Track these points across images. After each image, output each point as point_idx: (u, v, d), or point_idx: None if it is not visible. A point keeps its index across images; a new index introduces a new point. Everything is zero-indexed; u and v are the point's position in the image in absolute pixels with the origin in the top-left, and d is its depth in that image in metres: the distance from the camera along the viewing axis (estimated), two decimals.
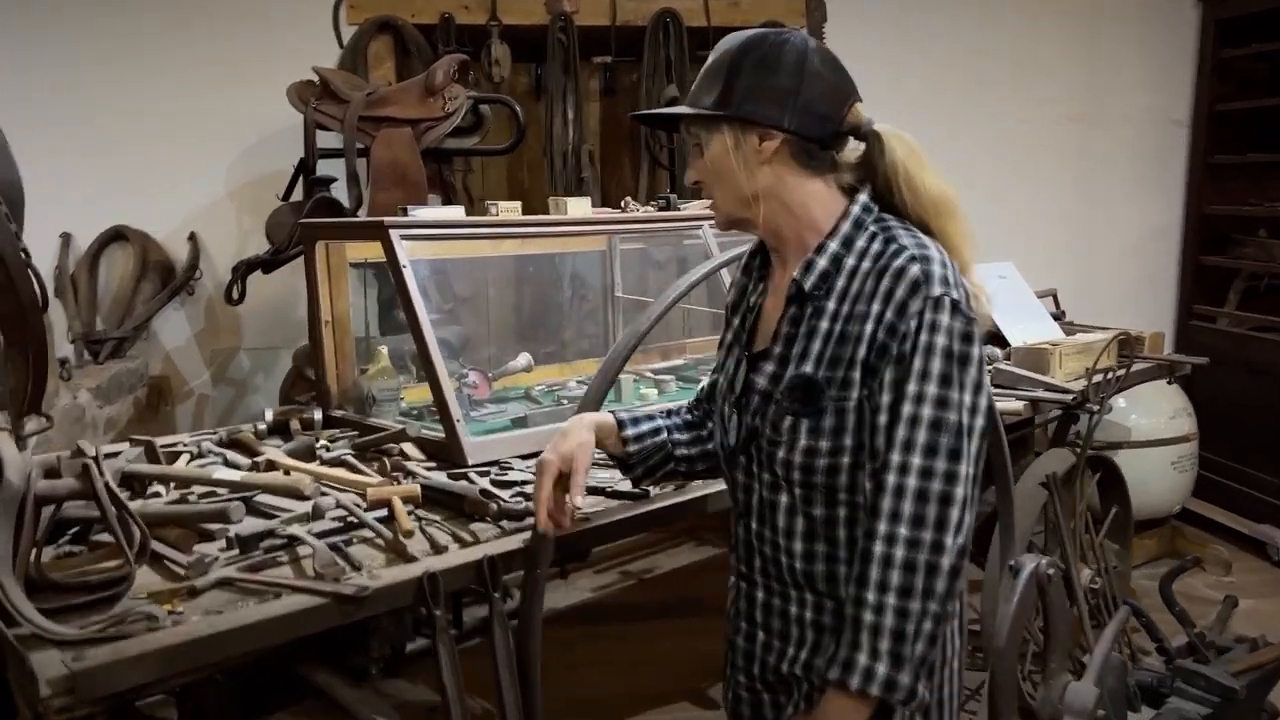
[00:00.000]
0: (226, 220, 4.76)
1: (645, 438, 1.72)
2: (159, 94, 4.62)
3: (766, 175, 1.49)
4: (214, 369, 4.86)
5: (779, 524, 1.55)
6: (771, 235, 1.55)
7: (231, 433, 2.59)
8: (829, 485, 1.48)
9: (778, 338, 1.53)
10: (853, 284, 1.47)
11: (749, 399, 1.56)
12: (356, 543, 1.86)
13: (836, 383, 1.44)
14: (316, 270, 2.76)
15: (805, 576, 1.54)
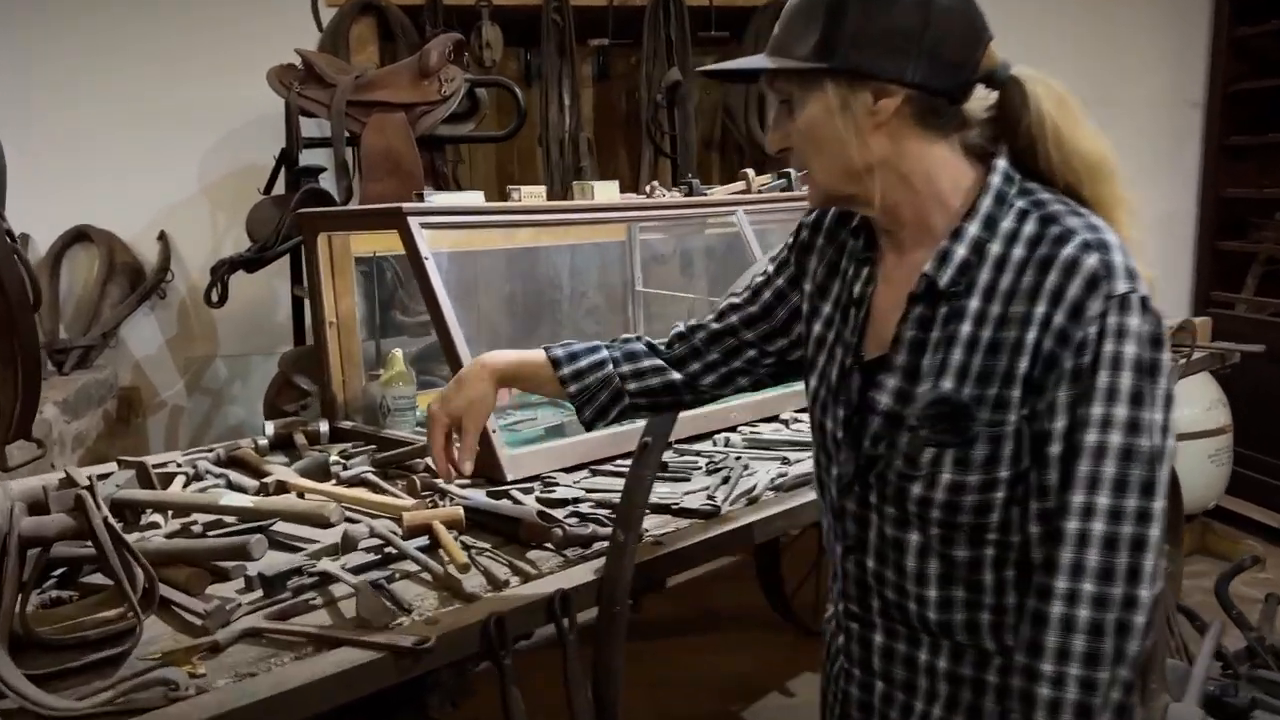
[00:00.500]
0: (199, 218, 4.43)
1: (585, 374, 1.51)
2: (125, 83, 4.28)
3: (882, 142, 1.20)
4: (188, 378, 4.53)
5: (907, 566, 1.27)
6: (886, 215, 1.25)
7: (230, 449, 2.30)
8: (977, 525, 1.20)
9: (900, 344, 1.23)
10: (1002, 278, 1.18)
11: (866, 420, 1.28)
12: (399, 578, 1.59)
13: (988, 403, 1.16)
14: (319, 265, 2.46)
15: (941, 626, 1.26)
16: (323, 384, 2.53)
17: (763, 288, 1.48)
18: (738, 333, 1.48)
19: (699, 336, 1.50)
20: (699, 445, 2.34)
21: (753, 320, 1.48)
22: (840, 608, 1.40)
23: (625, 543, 1.55)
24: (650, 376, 1.50)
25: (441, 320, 2.10)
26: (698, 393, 1.52)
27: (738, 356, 1.48)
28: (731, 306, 1.51)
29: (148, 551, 1.54)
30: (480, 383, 1.50)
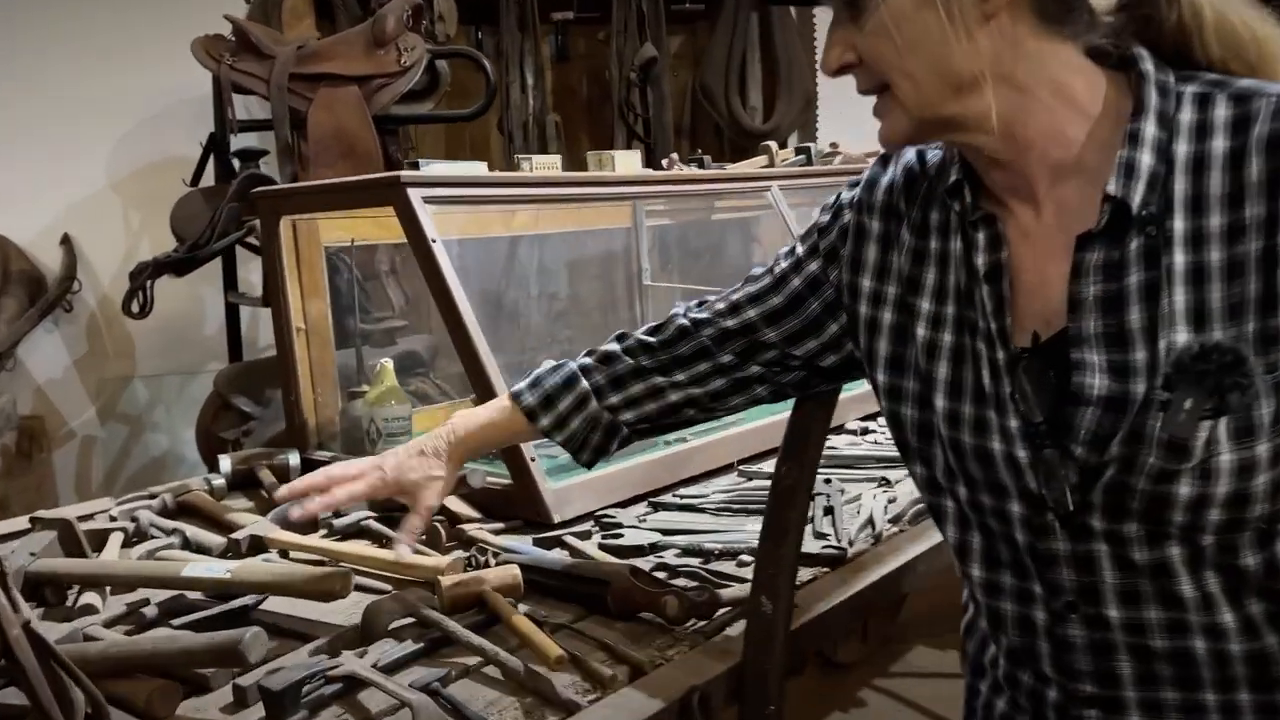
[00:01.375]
0: (109, 218, 3.84)
1: (569, 419, 1.27)
2: (17, 65, 3.69)
3: (992, 41, 0.92)
4: (101, 403, 3.92)
5: (1182, 593, 0.92)
6: (1007, 143, 0.94)
7: (178, 494, 1.79)
8: (1273, 514, 0.88)
9: (1083, 307, 0.92)
10: (1208, 180, 0.90)
11: (1069, 423, 0.93)
12: (454, 677, 1.13)
13: (1251, 343, 0.88)
14: (283, 258, 1.97)
15: (1252, 660, 0.93)
16: (289, 406, 2.03)
17: (789, 275, 1.15)
18: (756, 330, 1.18)
19: (707, 333, 1.20)
20: (759, 465, 1.92)
21: (776, 316, 1.17)
22: (1053, 696, 1.01)
23: (774, 617, 1.12)
24: (645, 402, 1.25)
25: (458, 319, 1.64)
26: (704, 407, 1.24)
27: (755, 359, 1.19)
28: (750, 298, 1.18)
29: (89, 660, 1.06)
30: (449, 464, 1.30)
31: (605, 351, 1.27)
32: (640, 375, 1.23)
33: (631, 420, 1.25)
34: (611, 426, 1.25)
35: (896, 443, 1.09)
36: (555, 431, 1.26)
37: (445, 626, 1.19)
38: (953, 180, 1.00)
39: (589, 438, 1.26)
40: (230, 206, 2.84)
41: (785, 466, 1.17)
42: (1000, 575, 1.01)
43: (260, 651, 1.07)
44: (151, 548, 1.52)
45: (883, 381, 1.08)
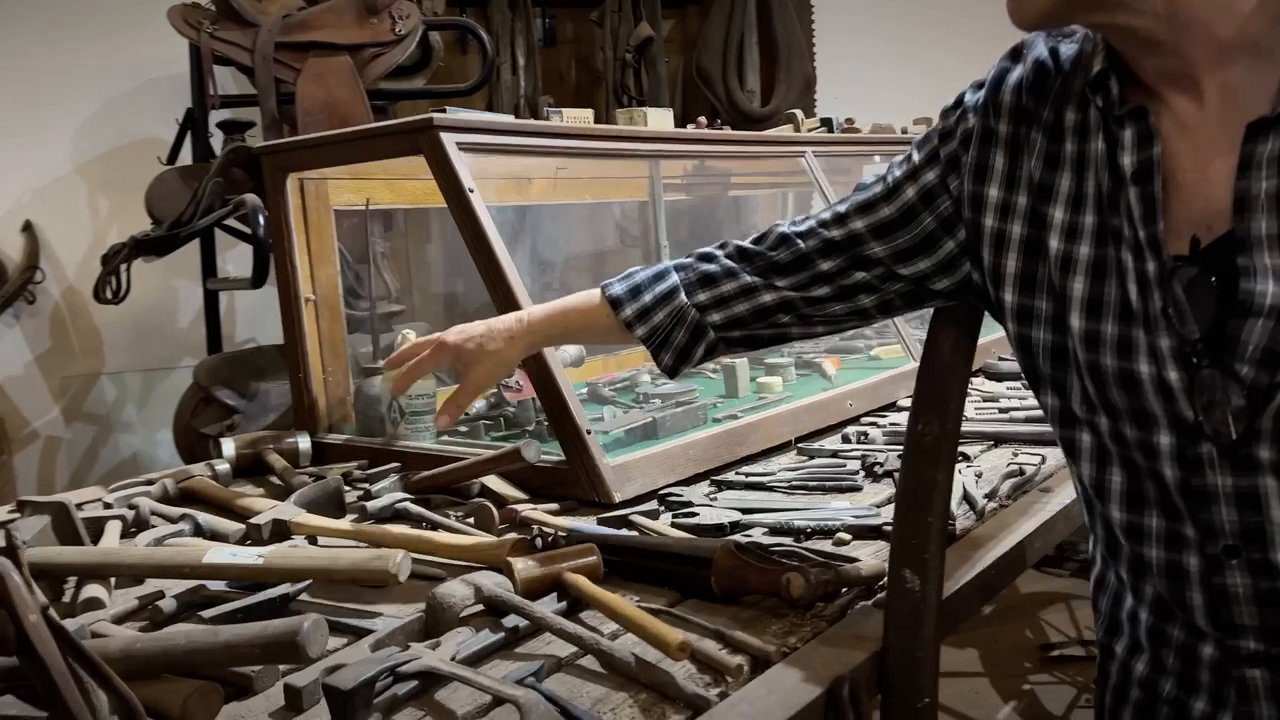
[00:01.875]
0: (75, 204, 3.60)
1: (653, 311, 1.18)
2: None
3: None
4: (66, 401, 3.67)
5: None
6: (1162, 19, 0.81)
7: (180, 479, 1.59)
8: None
9: (1253, 204, 0.80)
10: None
11: (1235, 338, 0.80)
12: (546, 672, 0.95)
13: None
14: (290, 221, 1.78)
15: None
16: (297, 384, 1.83)
17: (903, 184, 1.04)
18: (862, 243, 1.06)
19: (809, 243, 1.09)
20: (818, 442, 1.76)
21: (886, 229, 1.05)
22: (1209, 654, 0.89)
23: (923, 593, 0.96)
24: (736, 302, 1.13)
25: (501, 278, 1.46)
26: (800, 313, 1.12)
27: (862, 269, 1.08)
28: (858, 208, 1.06)
29: (110, 660, 0.86)
30: (515, 341, 1.25)
31: (702, 252, 1.18)
32: (733, 275, 1.13)
33: (720, 322, 1.14)
34: (698, 327, 1.15)
35: (1025, 371, 0.99)
36: (638, 323, 1.17)
37: (530, 612, 1.01)
38: (1096, 71, 0.88)
39: (672, 335, 1.16)
40: (215, 182, 2.62)
41: (924, 420, 1.01)
42: (1145, 517, 0.89)
43: (322, 643, 0.89)
44: (159, 535, 1.32)
45: (1011, 302, 0.96)
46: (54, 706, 0.73)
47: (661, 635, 0.92)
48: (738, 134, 2.22)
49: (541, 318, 1.25)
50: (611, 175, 2.47)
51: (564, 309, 1.25)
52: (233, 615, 1.07)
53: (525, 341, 1.25)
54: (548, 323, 1.25)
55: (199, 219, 2.64)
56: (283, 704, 0.92)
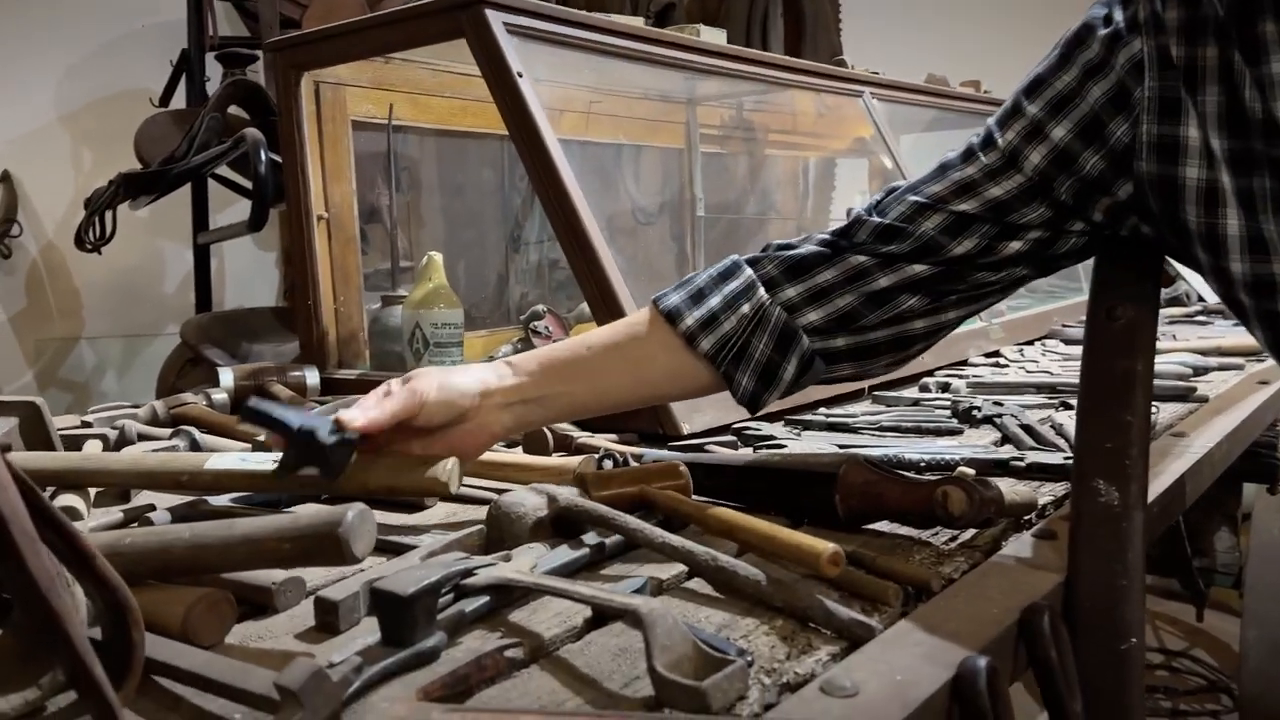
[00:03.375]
0: (57, 154, 3.38)
1: (720, 319, 0.93)
2: None
3: None
4: (41, 366, 3.44)
5: None
6: None
7: (171, 405, 1.38)
8: None
9: None
10: None
11: None
12: (650, 593, 0.75)
13: None
14: (303, 128, 1.58)
15: None
16: (306, 313, 1.62)
17: (1024, 148, 0.84)
18: (1010, 210, 0.86)
19: (929, 225, 0.88)
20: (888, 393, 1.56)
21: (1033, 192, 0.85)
22: None
23: (1124, 508, 0.76)
24: (841, 291, 0.91)
25: (564, 196, 1.26)
26: (930, 292, 0.91)
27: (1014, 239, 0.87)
28: (987, 173, 0.86)
29: (118, 551, 0.66)
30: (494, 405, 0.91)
31: (778, 243, 0.96)
32: (829, 260, 0.92)
33: (818, 322, 0.92)
34: (786, 331, 0.91)
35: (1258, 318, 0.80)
36: (702, 335, 0.91)
37: (622, 524, 0.81)
38: None
39: (750, 344, 0.91)
40: (212, 116, 2.42)
41: (1114, 302, 0.81)
42: None
43: (370, 538, 0.68)
44: (151, 448, 1.11)
45: (1241, 272, 0.77)
46: (17, 580, 0.52)
47: (806, 545, 0.72)
48: (794, 61, 2.02)
49: (541, 367, 0.92)
50: (647, 117, 2.28)
51: (579, 349, 0.93)
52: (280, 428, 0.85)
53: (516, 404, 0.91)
54: (554, 374, 0.92)
55: (194, 155, 2.43)
56: (312, 624, 0.71)
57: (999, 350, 1.90)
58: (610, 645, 0.67)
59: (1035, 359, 1.82)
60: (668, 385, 0.98)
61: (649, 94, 2.29)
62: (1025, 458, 1.10)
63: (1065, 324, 2.17)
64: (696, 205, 2.41)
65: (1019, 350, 1.91)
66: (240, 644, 0.69)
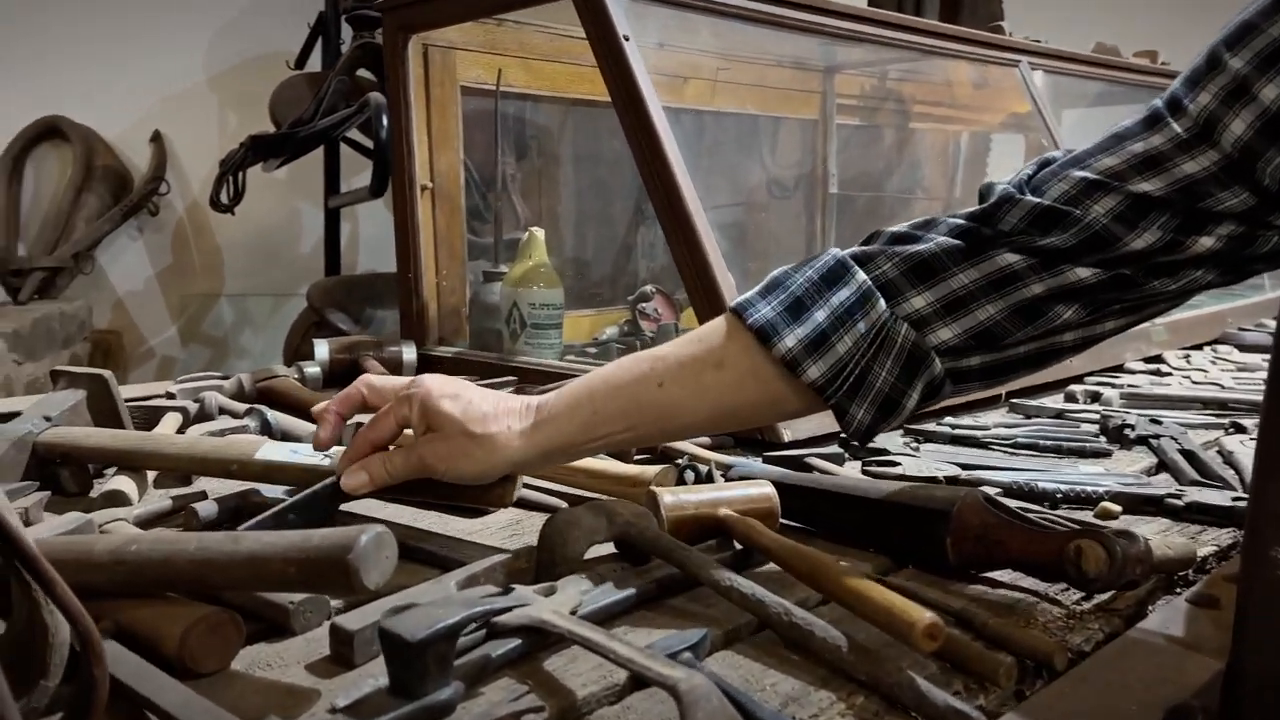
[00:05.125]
0: (203, 116, 3.46)
1: (831, 339, 0.75)
2: None
3: None
4: (184, 322, 3.56)
5: None
6: None
7: (259, 378, 1.34)
8: None
9: None
10: None
11: None
12: (708, 647, 0.63)
13: None
14: (410, 94, 1.51)
15: None
16: (407, 286, 1.57)
17: (1224, 116, 0.66)
18: (1210, 188, 0.68)
19: (1099, 209, 0.70)
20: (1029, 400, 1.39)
21: (1247, 160, 0.67)
22: None
23: None
24: (982, 301, 0.74)
25: (667, 171, 1.15)
26: (1091, 303, 0.74)
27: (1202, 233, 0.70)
28: (1178, 146, 0.69)
29: (91, 564, 0.60)
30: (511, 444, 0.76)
31: (896, 231, 0.78)
32: (966, 257, 0.74)
33: (953, 340, 0.74)
34: (914, 355, 0.75)
35: None
36: (809, 360, 0.74)
37: (684, 559, 0.70)
38: None
39: (870, 373, 0.75)
40: (339, 79, 2.41)
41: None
42: None
43: (385, 568, 0.60)
44: (217, 429, 1.07)
45: None
46: None
47: (899, 610, 0.59)
48: (941, 26, 1.84)
49: (572, 400, 0.77)
50: (779, 85, 2.14)
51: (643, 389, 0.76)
52: (278, 521, 0.79)
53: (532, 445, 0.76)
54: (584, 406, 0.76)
55: (320, 118, 2.42)
56: (326, 653, 0.64)
57: (1161, 355, 1.69)
58: (654, 713, 0.57)
59: (1204, 368, 1.60)
60: (756, 416, 0.85)
61: (782, 61, 2.14)
62: (1184, 494, 0.93)
63: (1242, 327, 1.92)
64: (829, 181, 2.25)
65: (1184, 356, 1.69)
66: (246, 670, 0.62)
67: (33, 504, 0.83)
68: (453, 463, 0.76)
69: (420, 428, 0.78)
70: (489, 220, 2.58)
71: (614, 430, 0.77)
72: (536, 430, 0.76)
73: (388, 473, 0.77)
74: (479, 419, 0.75)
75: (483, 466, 0.76)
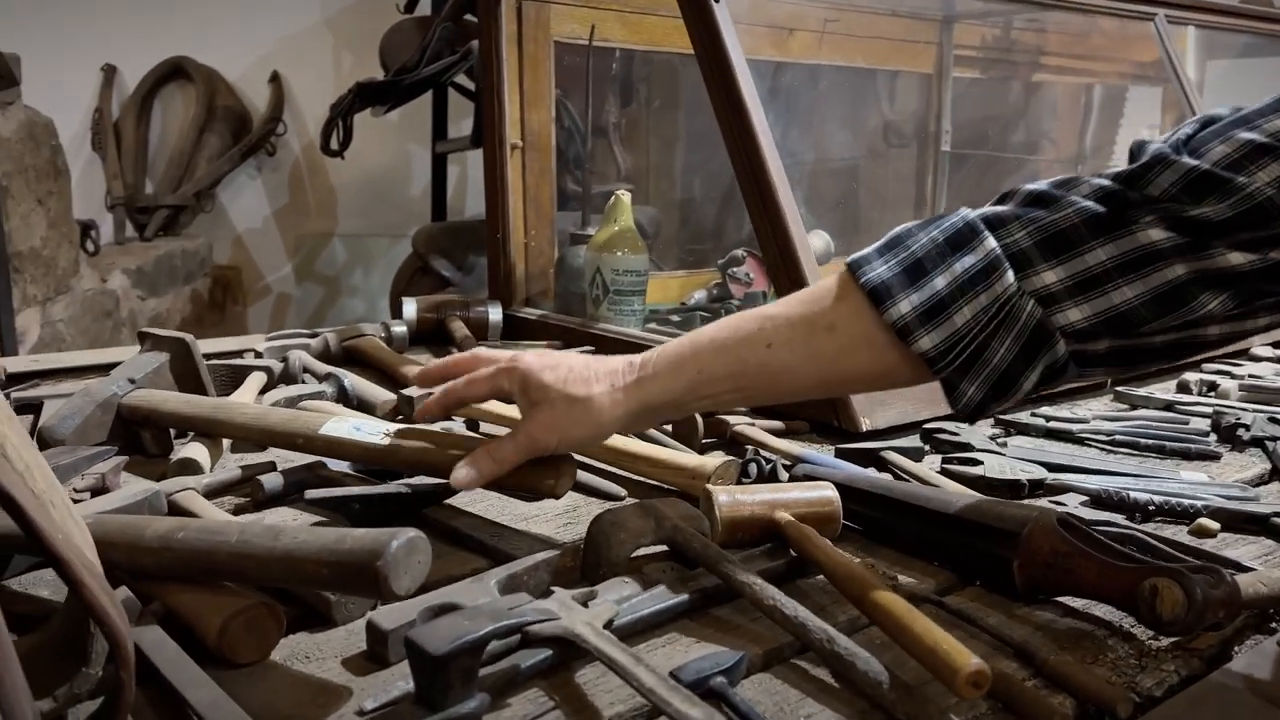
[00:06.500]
0: (320, 57, 3.52)
1: (950, 308, 0.68)
2: None
3: None
4: (299, 260, 3.66)
5: None
6: None
7: (345, 337, 1.36)
8: None
9: None
10: None
11: None
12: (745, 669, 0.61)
13: None
14: (502, 50, 1.49)
15: None
16: (495, 246, 1.57)
17: None
18: None
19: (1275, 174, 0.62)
20: (1144, 388, 1.30)
21: None
22: None
23: None
24: (1119, 281, 0.66)
25: (750, 134, 1.10)
26: (1243, 289, 0.66)
27: None
28: None
29: (141, 548, 0.61)
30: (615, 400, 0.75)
31: (1032, 190, 0.70)
32: (1110, 233, 0.66)
33: (1082, 323, 0.67)
34: (1038, 333, 0.68)
35: None
36: (923, 329, 0.68)
37: (729, 573, 0.68)
38: None
39: (987, 349, 0.69)
40: (444, 26, 2.40)
41: None
42: None
43: (417, 575, 0.59)
44: (294, 394, 1.09)
45: None
46: None
47: (943, 652, 0.56)
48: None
49: (676, 359, 0.75)
50: (891, 37, 2.03)
51: (750, 351, 0.73)
52: (342, 506, 0.80)
53: (636, 401, 0.75)
54: (689, 365, 0.74)
55: (425, 66, 2.42)
56: (363, 648, 0.64)
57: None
58: None
59: None
60: (867, 384, 0.81)
61: (897, 10, 2.04)
62: None
63: None
64: (942, 139, 2.14)
65: None
66: (284, 661, 0.63)
67: (109, 469, 0.86)
68: (560, 431, 0.76)
69: (522, 402, 0.78)
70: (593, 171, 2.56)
71: (720, 390, 0.75)
72: (639, 387, 0.75)
73: (495, 461, 0.76)
74: (580, 382, 0.75)
75: (590, 429, 0.76)
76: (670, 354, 0.76)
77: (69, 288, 2.47)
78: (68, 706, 0.57)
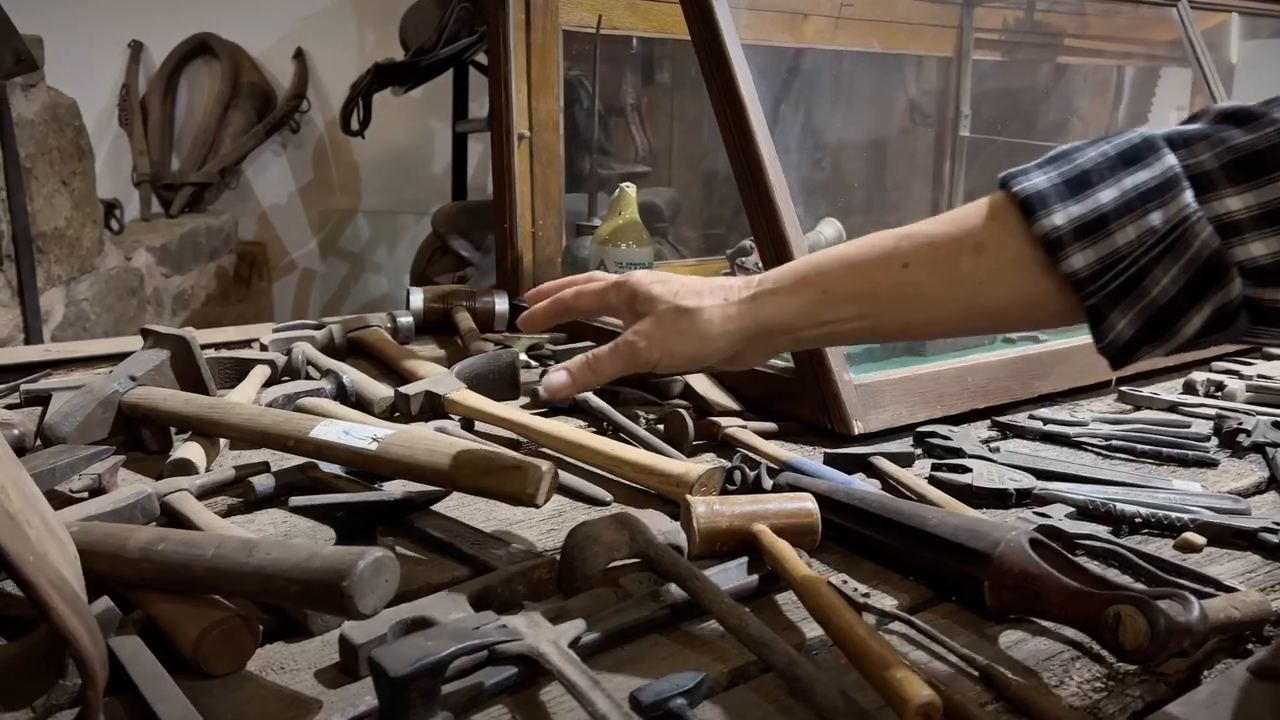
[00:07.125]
0: (344, 34, 3.53)
1: (1111, 225, 0.57)
2: None
3: None
4: (323, 236, 3.69)
5: None
6: None
7: (350, 329, 1.38)
8: None
9: None
10: None
11: None
12: (710, 687, 0.62)
13: None
14: (510, 38, 1.49)
15: None
16: (502, 236, 1.57)
17: None
18: None
19: None
20: (1149, 388, 1.29)
21: None
22: None
23: None
24: None
25: (746, 129, 1.10)
26: None
27: None
28: None
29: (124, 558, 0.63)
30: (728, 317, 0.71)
31: (1224, 109, 0.60)
32: None
33: (1268, 260, 0.57)
34: (1212, 263, 0.58)
35: None
36: (1074, 245, 0.59)
37: (697, 591, 0.68)
38: None
39: (1147, 277, 0.58)
40: (461, 7, 2.39)
41: None
42: None
43: (384, 594, 0.60)
44: (292, 391, 1.10)
45: None
46: None
47: (896, 680, 0.56)
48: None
49: (800, 275, 0.70)
50: (909, 20, 2.01)
51: (859, 255, 0.67)
52: (325, 513, 0.81)
53: (750, 319, 0.71)
54: (813, 283, 0.69)
55: (442, 47, 2.42)
56: (336, 659, 0.65)
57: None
58: None
59: None
60: (1012, 320, 0.68)
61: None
62: None
63: None
64: (961, 123, 2.11)
65: None
66: (259, 671, 0.65)
67: (106, 470, 0.88)
68: (664, 345, 0.72)
69: (628, 318, 0.75)
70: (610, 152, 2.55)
71: (843, 316, 0.68)
72: (755, 303, 0.70)
73: (593, 370, 0.74)
74: (692, 294, 0.72)
75: (696, 343, 0.72)
76: (792, 270, 0.71)
77: (93, 267, 2.51)
78: (45, 717, 0.59)
